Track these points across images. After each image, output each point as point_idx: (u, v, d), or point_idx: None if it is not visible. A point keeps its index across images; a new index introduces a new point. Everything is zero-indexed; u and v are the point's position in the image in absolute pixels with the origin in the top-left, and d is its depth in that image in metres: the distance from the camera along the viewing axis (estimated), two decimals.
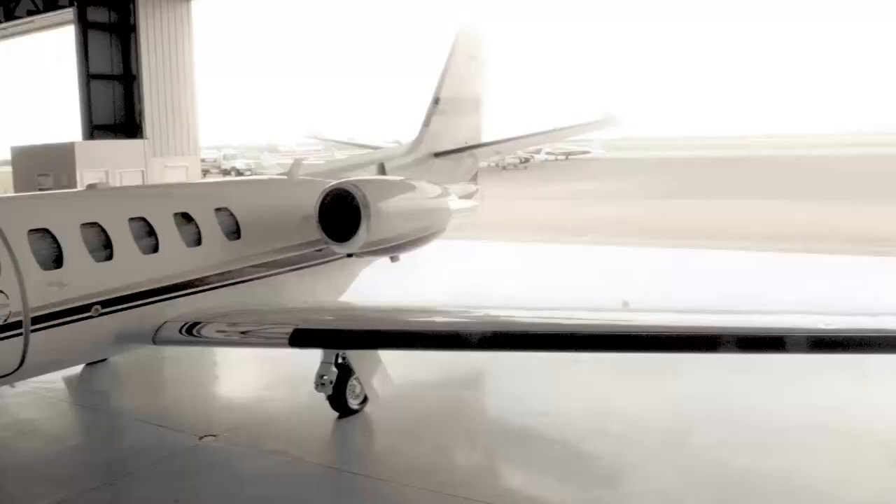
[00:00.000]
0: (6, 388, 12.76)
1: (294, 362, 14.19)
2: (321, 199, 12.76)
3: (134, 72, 37.36)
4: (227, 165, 79.90)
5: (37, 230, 10.04)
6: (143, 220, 11.27)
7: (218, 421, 11.64)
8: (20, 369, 9.80)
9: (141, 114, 36.48)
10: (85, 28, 37.36)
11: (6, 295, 9.35)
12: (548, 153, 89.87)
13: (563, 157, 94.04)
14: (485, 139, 19.87)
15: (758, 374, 12.32)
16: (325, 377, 11.19)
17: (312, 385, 11.15)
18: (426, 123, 18.10)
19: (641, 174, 72.46)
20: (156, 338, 11.01)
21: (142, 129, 36.40)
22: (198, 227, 11.87)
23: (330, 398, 11.41)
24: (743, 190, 52.73)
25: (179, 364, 15.37)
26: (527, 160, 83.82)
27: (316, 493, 9.65)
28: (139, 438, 11.28)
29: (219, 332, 11.01)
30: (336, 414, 11.53)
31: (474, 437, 11.19)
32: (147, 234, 11.22)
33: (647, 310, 10.81)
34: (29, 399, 13.07)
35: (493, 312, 11.22)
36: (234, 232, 12.39)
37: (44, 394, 13.29)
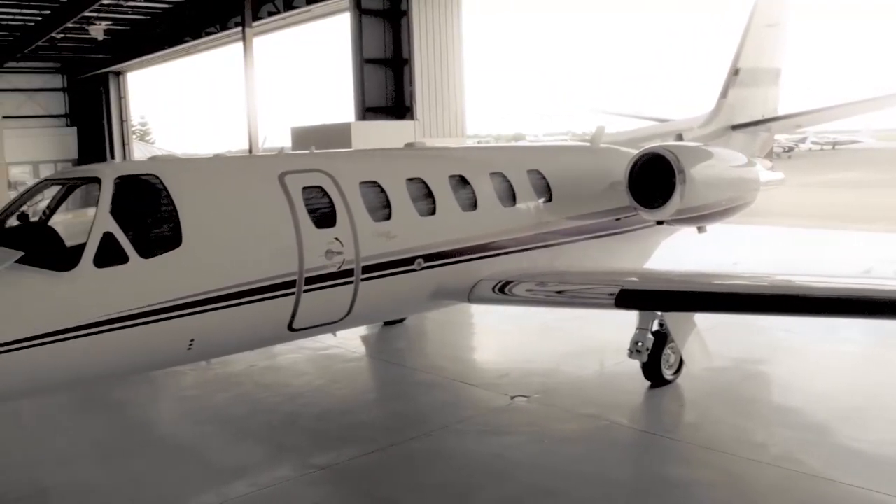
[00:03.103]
0: (313, 346, 13.40)
1: (581, 331, 14.12)
2: (631, 164, 12.39)
3: (405, 55, 38.48)
4: None
5: (367, 182, 10.31)
6: (462, 178, 11.35)
7: (525, 383, 11.52)
8: (347, 317, 10.07)
9: (412, 96, 37.50)
10: (359, 15, 38.84)
11: (341, 242, 9.63)
12: (813, 142, 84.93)
13: (830, 147, 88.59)
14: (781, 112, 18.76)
15: None
16: (640, 344, 10.83)
17: (609, 354, 10.77)
18: (723, 94, 17.26)
19: None
20: (471, 295, 11.04)
21: (412, 110, 37.44)
22: (512, 188, 11.84)
23: (644, 366, 11.03)
24: None
25: (466, 328, 15.56)
26: (791, 149, 79.59)
27: (637, 456, 9.39)
28: (447, 395, 11.37)
29: (530, 290, 10.88)
30: (647, 383, 11.15)
31: (797, 413, 10.42)
32: (466, 192, 11.29)
33: None
34: (336, 352, 13.60)
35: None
36: (546, 195, 12.27)
37: (347, 350, 13.79)
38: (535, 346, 13.75)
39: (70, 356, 7.80)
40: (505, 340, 14.53)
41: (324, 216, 9.64)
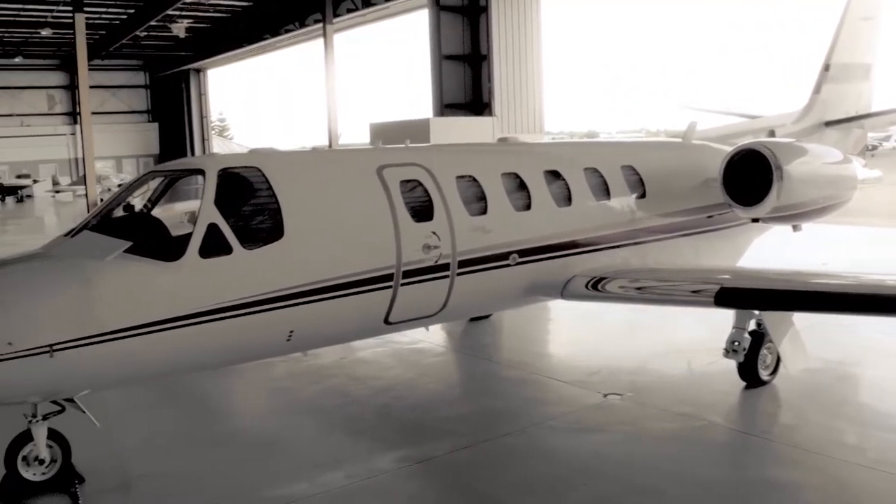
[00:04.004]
0: (401, 340, 13.47)
1: (664, 330, 13.96)
2: (727, 160, 12.20)
3: (483, 52, 38.45)
4: None
5: (464, 177, 10.31)
6: (557, 173, 11.30)
7: (616, 381, 11.40)
8: (441, 312, 10.09)
9: (490, 92, 37.48)
10: (438, 11, 38.94)
11: (438, 237, 9.64)
12: None
13: None
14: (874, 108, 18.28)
15: None
16: (737, 343, 10.63)
17: (699, 353, 10.55)
18: (816, 90, 16.89)
19: None
20: (564, 291, 10.96)
21: (490, 107, 37.42)
22: (606, 184, 11.74)
23: (740, 366, 10.82)
24: None
25: (549, 324, 15.47)
26: (874, 147, 77.43)
27: (735, 456, 9.20)
28: (538, 391, 11.32)
29: (623, 287, 10.76)
30: (741, 384, 10.94)
31: (893, 417, 10.13)
32: (560, 188, 11.23)
33: None
34: (423, 347, 13.65)
35: None
36: (639, 191, 12.14)
37: (434, 344, 13.84)
38: (620, 344, 13.62)
39: (174, 345, 7.94)
40: (590, 337, 14.39)
41: (421, 210, 9.67)
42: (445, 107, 38.52)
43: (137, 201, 9.58)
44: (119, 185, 58.64)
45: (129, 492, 8.39)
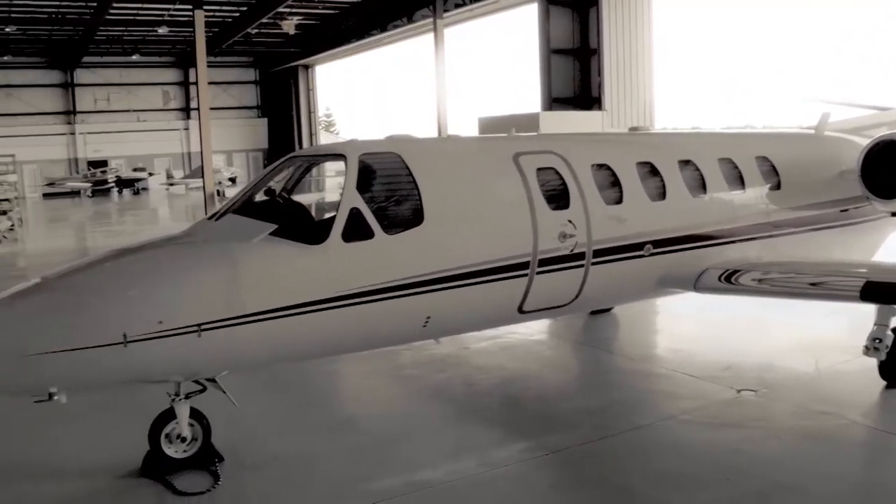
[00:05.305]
0: (523, 331, 13.42)
1: (788, 325, 13.58)
2: (865, 152, 11.78)
3: (593, 46, 38.10)
4: None
5: (599, 165, 10.20)
6: (690, 163, 11.09)
7: (747, 377, 11.12)
8: (574, 302, 10.00)
9: (600, 86, 37.14)
10: (547, 5, 38.73)
11: (574, 225, 9.56)
12: None
13: None
14: None
15: None
16: (879, 341, 10.22)
17: (830, 351, 10.32)
18: None
19: None
20: (697, 284, 10.74)
21: (600, 101, 37.07)
22: (741, 175, 11.48)
23: (881, 364, 10.41)
24: None
25: (669, 318, 15.20)
26: None
27: (883, 457, 8.90)
28: (667, 385, 11.10)
29: (757, 280, 10.46)
30: (881, 382, 10.53)
31: None
32: (694, 178, 11.02)
33: None
34: (545, 338, 13.64)
35: None
36: (773, 183, 11.83)
37: (556, 336, 13.79)
38: (744, 339, 13.25)
39: (316, 328, 8.05)
40: (711, 331, 14.00)
41: (557, 198, 9.60)
42: (554, 101, 38.34)
43: (279, 186, 9.74)
44: (229, 179, 60.21)
45: (265, 472, 8.53)
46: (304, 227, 8.48)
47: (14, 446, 9.59)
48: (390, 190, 8.93)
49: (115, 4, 46.65)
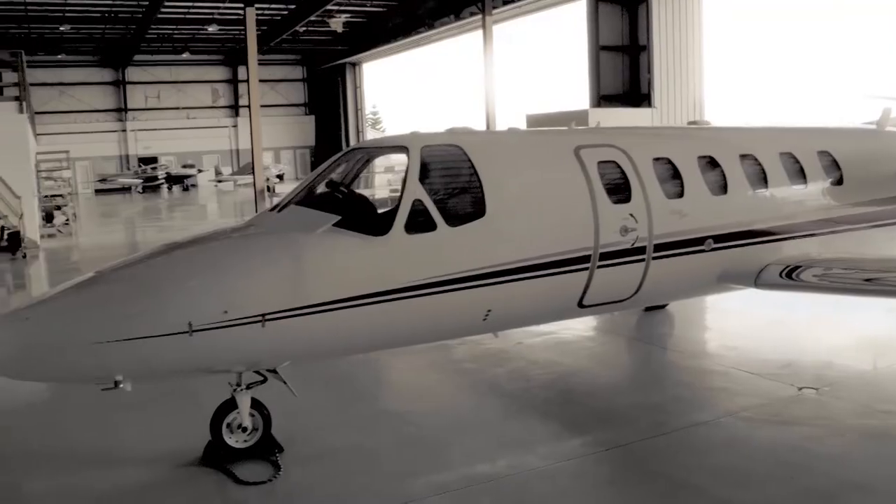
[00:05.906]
0: (577, 326, 13.34)
1: (846, 323, 13.40)
2: None
3: (642, 42, 37.82)
4: None
5: (660, 159, 10.10)
6: (752, 157, 10.94)
7: (807, 375, 10.95)
8: (634, 296, 9.90)
9: (649, 83, 36.85)
10: (596, 2, 38.50)
11: (635, 219, 9.48)
12: None
13: None
14: None
15: None
16: None
17: (890, 350, 10.10)
18: None
19: None
20: (758, 280, 10.59)
21: (649, 98, 36.79)
22: (802, 170, 11.30)
23: None
24: None
25: (723, 314, 15.00)
26: None
27: None
28: (726, 382, 10.95)
29: (819, 276, 10.27)
30: None
31: None
32: (756, 172, 10.86)
33: None
34: (599, 334, 13.57)
35: None
36: (835, 178, 11.64)
37: (611, 332, 13.73)
38: (801, 336, 13.08)
39: (378, 320, 8.06)
40: (767, 328, 13.77)
41: (619, 192, 9.52)
42: (602, 98, 38.12)
43: (342, 177, 9.77)
44: (277, 176, 60.68)
45: (324, 463, 8.56)
46: (367, 219, 8.49)
47: (79, 435, 9.76)
48: (452, 182, 8.92)
49: (166, 3, 47.29)
